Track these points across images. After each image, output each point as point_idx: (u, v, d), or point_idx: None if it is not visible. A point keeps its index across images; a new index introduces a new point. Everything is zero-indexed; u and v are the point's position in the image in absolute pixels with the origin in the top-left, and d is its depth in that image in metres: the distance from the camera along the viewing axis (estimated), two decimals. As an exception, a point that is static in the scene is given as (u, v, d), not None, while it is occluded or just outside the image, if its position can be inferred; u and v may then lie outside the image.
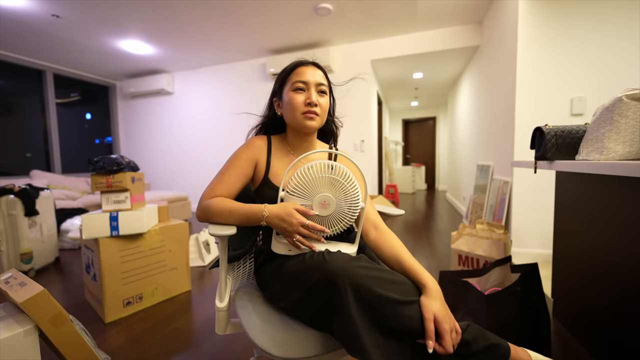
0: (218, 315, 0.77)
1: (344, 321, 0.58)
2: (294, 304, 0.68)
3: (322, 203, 0.71)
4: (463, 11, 2.84)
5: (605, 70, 1.89)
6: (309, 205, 0.72)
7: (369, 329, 0.58)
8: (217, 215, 0.75)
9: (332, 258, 0.63)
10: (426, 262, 2.11)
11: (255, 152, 0.85)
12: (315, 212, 0.71)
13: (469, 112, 3.83)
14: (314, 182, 0.71)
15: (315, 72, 0.83)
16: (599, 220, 1.05)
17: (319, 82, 0.82)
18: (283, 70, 0.86)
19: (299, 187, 0.72)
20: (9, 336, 0.71)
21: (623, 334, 0.93)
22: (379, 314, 0.58)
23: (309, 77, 0.81)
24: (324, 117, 0.85)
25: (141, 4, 2.57)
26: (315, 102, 0.80)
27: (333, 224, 0.74)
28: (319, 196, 0.71)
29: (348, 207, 0.72)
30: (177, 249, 1.67)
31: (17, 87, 3.77)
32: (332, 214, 0.72)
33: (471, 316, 1.07)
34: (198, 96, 4.34)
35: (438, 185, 7.34)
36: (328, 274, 0.60)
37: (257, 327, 0.69)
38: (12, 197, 1.93)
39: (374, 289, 0.59)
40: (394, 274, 0.65)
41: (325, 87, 0.84)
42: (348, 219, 0.73)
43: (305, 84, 0.81)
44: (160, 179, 4.72)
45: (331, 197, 0.71)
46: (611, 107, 0.82)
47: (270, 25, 3.01)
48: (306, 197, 0.72)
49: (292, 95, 0.81)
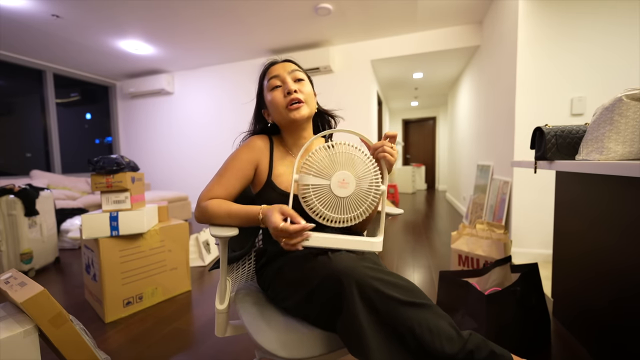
0: (218, 318, 0.76)
1: (349, 321, 0.57)
2: (298, 303, 0.67)
3: (341, 182, 0.66)
4: (463, 11, 2.84)
5: (606, 70, 1.89)
6: (326, 185, 0.66)
7: (373, 331, 0.56)
8: (215, 217, 0.74)
9: (337, 257, 0.62)
10: (426, 262, 2.12)
11: (256, 153, 0.82)
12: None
13: (469, 112, 3.83)
14: (332, 157, 0.66)
15: (285, 65, 0.82)
16: (599, 220, 1.05)
17: (291, 69, 0.81)
18: (259, 77, 0.85)
19: (315, 164, 0.67)
20: (9, 336, 0.71)
21: (623, 334, 0.93)
22: (384, 314, 0.57)
23: (279, 70, 0.81)
24: (312, 103, 0.83)
25: (141, 4, 2.57)
26: (293, 89, 0.78)
27: (354, 207, 0.68)
28: (337, 174, 0.66)
29: (368, 186, 0.67)
30: (177, 249, 1.67)
31: (17, 87, 3.77)
32: (352, 194, 0.67)
33: (471, 316, 1.07)
34: (198, 96, 4.34)
35: (438, 185, 7.34)
36: (333, 273, 0.60)
37: (260, 328, 0.67)
38: (12, 197, 1.92)
39: (380, 288, 0.57)
40: (399, 277, 0.63)
41: (300, 74, 0.82)
42: (370, 201, 0.68)
43: (278, 78, 0.80)
44: (160, 179, 4.72)
45: (350, 175, 0.66)
46: (611, 107, 0.82)
47: (270, 25, 3.01)
48: (323, 176, 0.67)
49: (271, 95, 0.80)
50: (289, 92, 0.78)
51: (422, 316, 0.57)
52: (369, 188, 0.67)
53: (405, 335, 0.56)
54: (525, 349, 1.08)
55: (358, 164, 0.67)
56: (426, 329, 0.55)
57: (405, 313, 0.57)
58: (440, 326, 0.56)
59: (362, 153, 0.68)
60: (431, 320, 0.56)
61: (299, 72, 0.82)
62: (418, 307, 0.58)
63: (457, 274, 1.22)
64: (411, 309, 0.57)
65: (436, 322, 0.56)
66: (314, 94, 0.87)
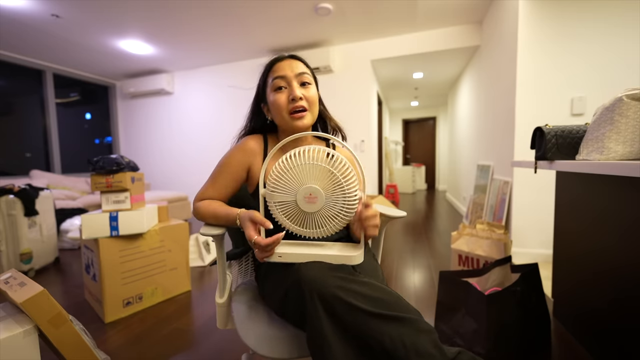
0: (218, 310, 0.79)
1: (313, 332, 0.55)
2: (279, 305, 0.67)
3: (308, 197, 0.60)
4: (463, 11, 2.84)
5: (606, 70, 1.89)
6: (292, 202, 0.61)
7: (339, 344, 0.53)
8: (205, 218, 0.77)
9: (307, 266, 0.59)
10: (426, 262, 2.11)
11: (247, 156, 0.80)
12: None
13: (469, 112, 3.83)
14: (295, 171, 0.59)
15: (292, 63, 0.77)
16: (600, 220, 1.05)
17: (299, 72, 0.76)
18: (262, 71, 0.81)
19: (278, 180, 0.60)
20: (8, 336, 0.71)
21: (623, 334, 0.93)
22: (351, 326, 0.53)
23: (286, 70, 0.76)
24: (315, 110, 0.79)
25: (141, 4, 2.56)
26: (298, 96, 0.74)
27: (324, 222, 0.62)
28: (302, 189, 0.59)
29: (342, 199, 0.60)
30: (177, 249, 1.67)
31: (17, 87, 3.76)
32: (321, 209, 0.60)
33: (471, 316, 1.07)
34: (198, 96, 4.33)
35: (438, 185, 7.34)
36: (297, 282, 0.57)
37: (245, 324, 0.70)
38: (12, 197, 1.92)
39: (347, 299, 0.54)
40: (376, 289, 0.58)
41: (307, 77, 0.78)
42: (343, 214, 0.61)
43: (284, 79, 0.75)
44: (160, 179, 4.72)
45: (318, 189, 0.59)
46: (611, 107, 0.82)
47: (270, 24, 3.01)
48: (288, 192, 0.61)
49: (274, 97, 0.76)
50: (294, 99, 0.74)
51: (397, 330, 0.53)
52: (344, 200, 0.60)
53: (374, 348, 0.52)
54: (525, 349, 1.08)
55: (325, 175, 0.60)
56: (400, 344, 0.51)
57: (374, 325, 0.53)
58: (417, 343, 0.52)
59: (334, 161, 0.60)
60: (407, 335, 0.53)
61: (306, 75, 0.78)
62: (392, 320, 0.54)
63: (457, 274, 1.22)
64: (382, 322, 0.53)
65: (414, 338, 0.52)
66: (319, 96, 0.83)
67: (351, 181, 0.60)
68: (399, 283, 1.77)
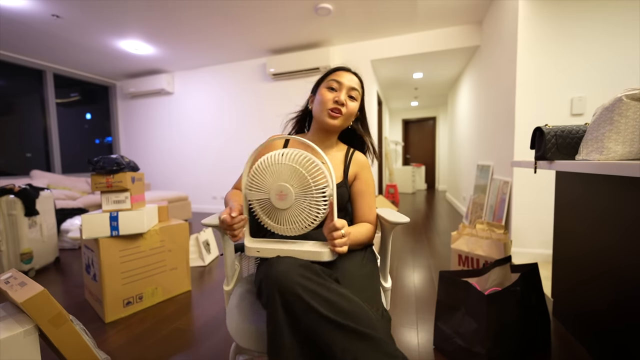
0: (226, 297, 0.84)
1: (270, 327, 0.56)
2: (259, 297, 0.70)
3: (279, 194, 0.65)
4: (463, 11, 2.84)
5: (606, 70, 1.89)
6: (266, 199, 0.67)
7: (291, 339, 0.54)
8: (225, 204, 0.85)
9: (278, 261, 0.60)
10: (426, 262, 2.12)
11: None
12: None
13: (469, 112, 3.83)
14: (267, 171, 0.65)
15: (352, 77, 0.89)
16: (599, 220, 1.05)
17: (352, 86, 0.87)
18: (327, 71, 0.93)
19: (254, 179, 0.67)
20: (9, 336, 0.71)
21: (623, 334, 0.93)
22: (305, 326, 0.54)
23: (344, 79, 0.87)
24: (348, 120, 0.89)
25: (141, 4, 2.57)
26: (342, 101, 0.84)
27: (297, 218, 0.66)
28: (274, 187, 0.65)
29: (311, 195, 0.64)
30: (177, 249, 1.67)
31: (17, 87, 3.76)
32: (292, 206, 0.65)
33: (471, 316, 1.07)
34: (198, 96, 4.33)
35: (438, 185, 7.34)
36: (265, 277, 0.60)
37: (231, 311, 0.75)
38: (12, 197, 1.92)
39: (305, 298, 0.54)
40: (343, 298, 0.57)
41: (356, 93, 0.88)
42: (314, 210, 0.65)
43: (338, 84, 0.87)
44: (160, 179, 4.72)
45: (288, 187, 0.64)
46: (611, 107, 0.82)
47: (271, 25, 3.01)
48: (262, 190, 0.67)
49: (323, 92, 0.87)
50: (337, 101, 0.85)
51: (353, 344, 0.52)
52: (312, 197, 0.64)
53: (326, 354, 0.52)
54: (525, 349, 1.08)
55: (294, 174, 0.64)
56: (350, 358, 0.51)
57: (329, 332, 0.53)
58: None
59: (300, 160, 0.64)
60: (363, 352, 0.51)
61: (356, 92, 0.88)
62: (351, 332, 0.53)
63: (457, 274, 1.22)
64: (339, 331, 0.53)
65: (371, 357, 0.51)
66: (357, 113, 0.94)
67: (318, 179, 0.64)
68: (399, 283, 1.78)
